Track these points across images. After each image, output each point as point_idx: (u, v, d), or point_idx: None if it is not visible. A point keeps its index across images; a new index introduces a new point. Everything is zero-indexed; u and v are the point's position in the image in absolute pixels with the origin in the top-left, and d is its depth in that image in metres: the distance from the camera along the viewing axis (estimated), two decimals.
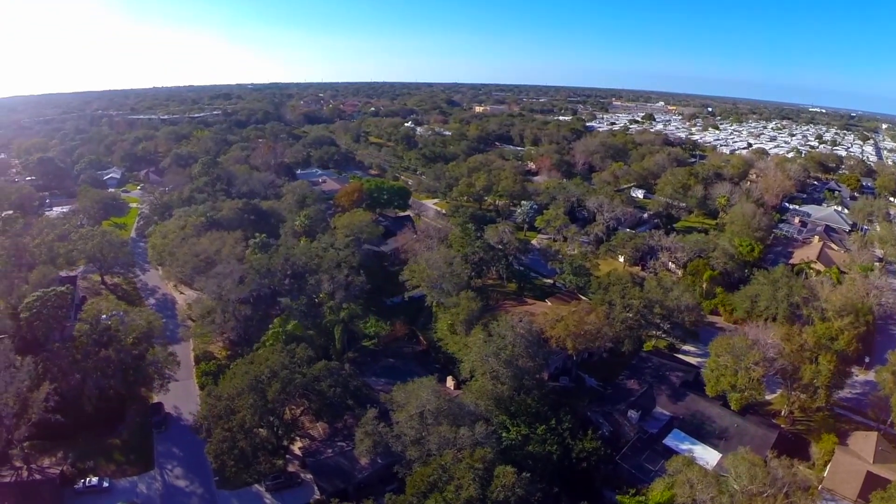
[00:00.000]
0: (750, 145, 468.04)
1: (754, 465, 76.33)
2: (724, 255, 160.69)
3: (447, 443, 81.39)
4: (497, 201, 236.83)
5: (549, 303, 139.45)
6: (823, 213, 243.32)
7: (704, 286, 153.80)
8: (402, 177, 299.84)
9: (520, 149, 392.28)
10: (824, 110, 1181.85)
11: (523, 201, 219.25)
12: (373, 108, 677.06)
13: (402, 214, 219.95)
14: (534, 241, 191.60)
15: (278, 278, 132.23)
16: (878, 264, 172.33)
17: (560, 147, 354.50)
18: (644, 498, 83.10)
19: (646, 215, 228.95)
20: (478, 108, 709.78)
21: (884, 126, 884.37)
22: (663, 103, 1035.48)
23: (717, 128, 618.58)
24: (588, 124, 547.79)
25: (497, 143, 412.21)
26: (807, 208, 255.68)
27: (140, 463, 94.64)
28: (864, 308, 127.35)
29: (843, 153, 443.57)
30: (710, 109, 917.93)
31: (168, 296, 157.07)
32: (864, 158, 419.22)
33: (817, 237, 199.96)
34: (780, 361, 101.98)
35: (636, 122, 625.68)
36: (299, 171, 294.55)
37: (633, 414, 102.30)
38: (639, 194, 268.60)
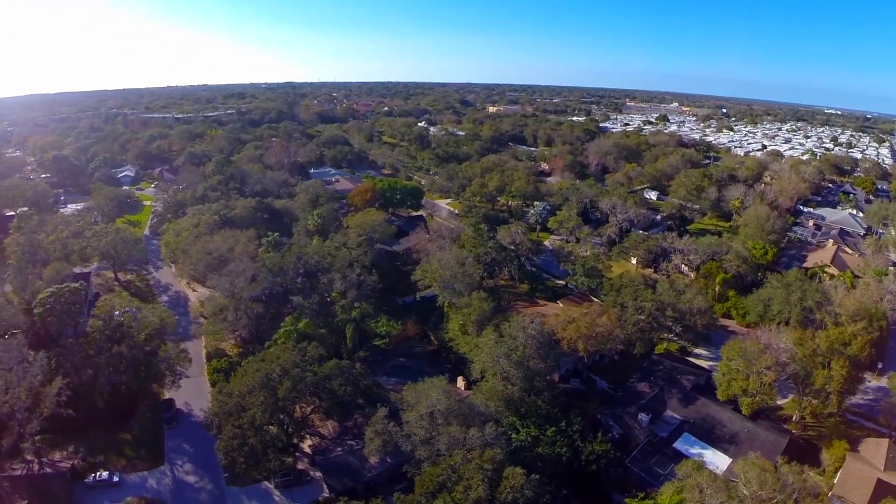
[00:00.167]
0: (764, 147, 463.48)
1: (764, 470, 75.55)
2: (737, 258, 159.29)
3: (457, 443, 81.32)
4: (510, 202, 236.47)
5: (561, 304, 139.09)
6: (838, 216, 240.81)
7: (717, 289, 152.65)
8: (415, 177, 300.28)
9: (533, 149, 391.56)
10: (840, 112, 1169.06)
11: (536, 202, 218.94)
12: (386, 108, 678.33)
13: (415, 214, 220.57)
14: (546, 242, 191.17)
15: (291, 277, 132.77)
16: (892, 269, 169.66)
17: (573, 148, 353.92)
18: (653, 502, 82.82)
19: (659, 217, 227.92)
20: (491, 109, 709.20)
21: None
22: (677, 104, 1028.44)
23: (731, 129, 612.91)
24: (601, 125, 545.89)
25: (510, 144, 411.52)
26: (821, 211, 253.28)
27: (150, 458, 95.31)
28: (878, 313, 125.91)
29: (859, 155, 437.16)
30: (724, 110, 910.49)
31: (181, 293, 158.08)
32: (880, 161, 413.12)
33: (831, 241, 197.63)
34: (793, 366, 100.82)
35: (650, 123, 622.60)
36: (312, 171, 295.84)
37: (643, 417, 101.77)
38: (652, 196, 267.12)
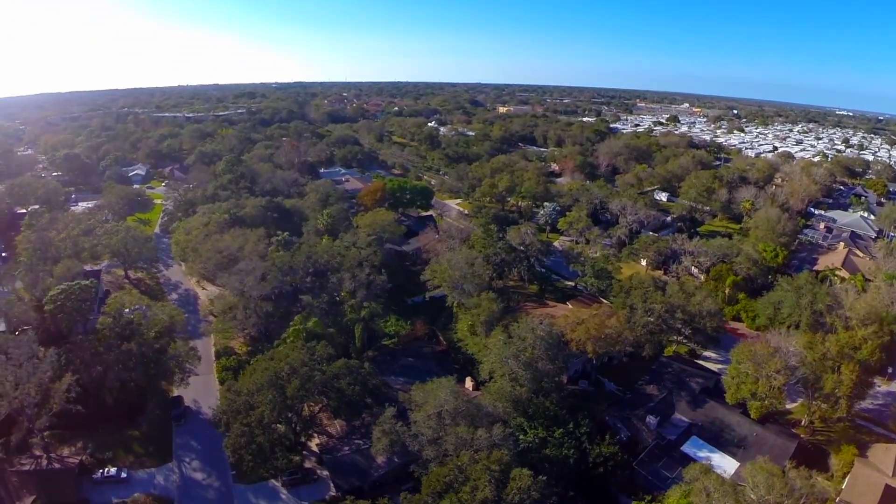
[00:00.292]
0: (775, 148, 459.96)
1: (772, 475, 74.78)
2: (747, 261, 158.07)
3: (464, 443, 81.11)
4: (520, 202, 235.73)
5: (570, 305, 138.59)
6: (849, 218, 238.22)
7: (727, 292, 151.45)
8: (425, 177, 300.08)
9: (543, 150, 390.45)
10: (851, 113, 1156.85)
11: (546, 203, 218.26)
12: (396, 108, 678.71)
13: (425, 214, 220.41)
14: (556, 243, 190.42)
15: (300, 276, 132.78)
16: None
17: (584, 148, 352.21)
18: None
19: (669, 219, 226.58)
20: (501, 109, 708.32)
21: None
22: (688, 105, 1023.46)
23: (742, 130, 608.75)
24: (612, 126, 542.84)
25: (520, 144, 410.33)
26: (832, 214, 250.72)
27: (158, 455, 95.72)
28: (889, 317, 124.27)
29: (870, 157, 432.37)
30: (735, 111, 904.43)
31: (190, 291, 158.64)
32: (892, 163, 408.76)
33: (842, 243, 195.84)
34: (802, 370, 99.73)
35: (660, 123, 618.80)
36: (322, 170, 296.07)
37: (651, 420, 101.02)
38: (662, 197, 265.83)
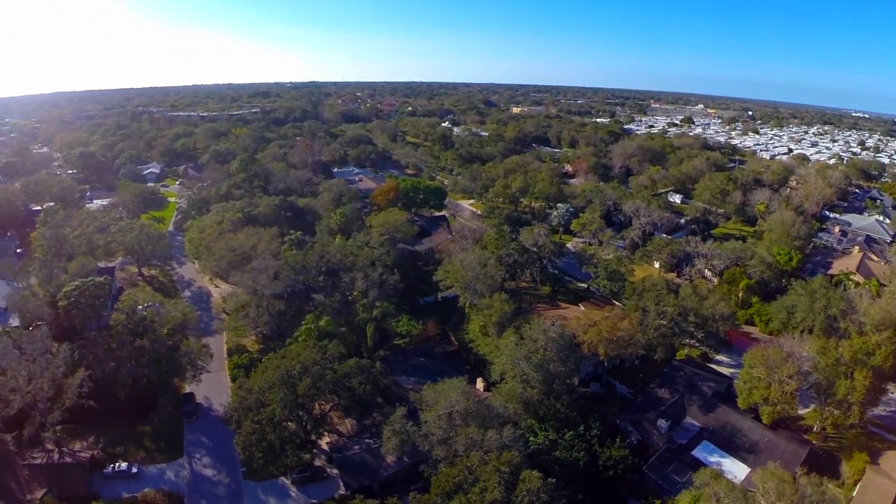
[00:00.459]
0: (790, 150, 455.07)
1: (783, 481, 73.76)
2: (761, 264, 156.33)
3: (474, 444, 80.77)
4: (533, 203, 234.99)
5: (583, 307, 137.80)
6: (864, 222, 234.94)
7: (740, 295, 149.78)
8: (439, 177, 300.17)
9: (557, 151, 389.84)
10: (867, 115, 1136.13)
11: (559, 204, 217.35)
12: (410, 108, 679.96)
13: (438, 214, 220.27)
14: (569, 245, 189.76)
15: (313, 275, 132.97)
16: None
17: (597, 150, 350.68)
18: None
19: (683, 221, 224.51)
20: (515, 109, 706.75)
21: None
22: (702, 106, 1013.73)
23: (757, 132, 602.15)
24: (626, 127, 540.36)
25: (534, 145, 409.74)
26: (847, 217, 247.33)
27: (169, 451, 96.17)
28: None
29: (886, 160, 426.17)
30: (750, 113, 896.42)
31: (203, 289, 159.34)
32: None
33: (857, 247, 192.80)
34: (815, 375, 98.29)
35: (675, 125, 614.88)
36: (336, 170, 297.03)
37: (662, 423, 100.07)
38: (676, 199, 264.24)
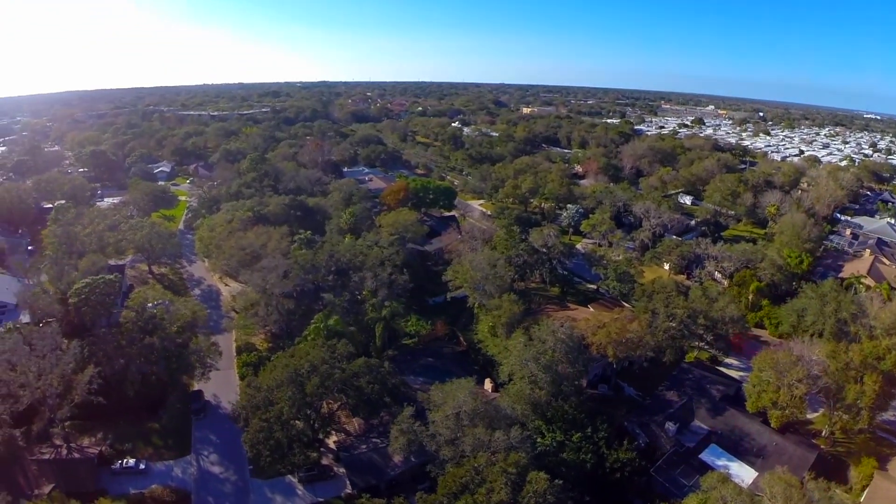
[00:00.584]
0: (802, 152, 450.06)
1: (790, 486, 73.17)
2: (771, 267, 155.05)
3: (481, 445, 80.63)
4: (543, 204, 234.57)
5: (592, 308, 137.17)
6: (876, 225, 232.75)
7: (750, 298, 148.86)
8: (449, 177, 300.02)
9: (567, 151, 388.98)
10: (879, 117, 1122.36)
11: (569, 205, 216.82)
12: (420, 108, 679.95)
13: (448, 214, 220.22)
14: (578, 246, 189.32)
15: (322, 274, 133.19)
16: None
17: (607, 150, 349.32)
18: None
19: (693, 222, 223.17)
20: (525, 110, 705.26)
21: None
22: (713, 107, 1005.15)
23: (768, 133, 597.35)
24: (636, 127, 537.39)
25: (544, 145, 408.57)
26: (859, 220, 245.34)
27: (177, 448, 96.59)
28: None
29: None
30: (761, 114, 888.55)
31: (213, 287, 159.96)
32: None
33: (868, 251, 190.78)
34: (824, 380, 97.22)
35: (685, 125, 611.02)
36: (346, 169, 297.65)
37: (670, 426, 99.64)
38: (686, 201, 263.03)
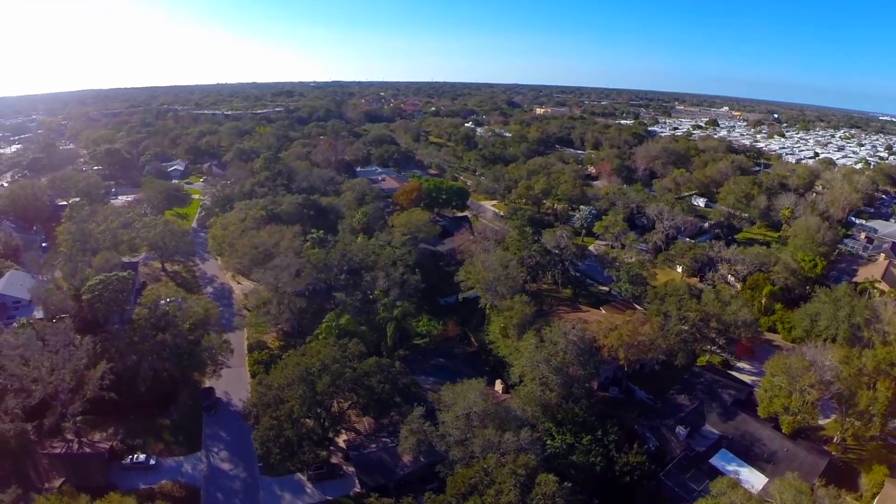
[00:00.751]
0: (817, 154, 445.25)
1: (801, 492, 72.68)
2: (785, 270, 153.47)
3: (491, 446, 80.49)
4: (556, 205, 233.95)
5: (604, 311, 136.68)
6: (891, 229, 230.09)
7: (763, 301, 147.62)
8: (461, 177, 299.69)
9: (580, 152, 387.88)
10: (895, 119, 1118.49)
11: (582, 206, 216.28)
12: (433, 108, 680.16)
13: (460, 215, 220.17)
14: (591, 247, 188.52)
15: (334, 273, 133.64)
16: None
17: (621, 152, 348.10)
18: None
19: (706, 225, 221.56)
20: (538, 110, 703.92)
21: None
22: (727, 108, 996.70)
23: (782, 135, 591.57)
24: (650, 129, 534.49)
25: (557, 146, 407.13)
26: (874, 223, 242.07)
27: (188, 444, 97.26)
28: None
29: None
30: (776, 116, 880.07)
31: (225, 285, 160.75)
32: None
33: (883, 255, 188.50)
34: (837, 385, 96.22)
35: (699, 127, 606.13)
36: (359, 169, 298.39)
37: (681, 430, 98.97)
38: (700, 203, 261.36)
